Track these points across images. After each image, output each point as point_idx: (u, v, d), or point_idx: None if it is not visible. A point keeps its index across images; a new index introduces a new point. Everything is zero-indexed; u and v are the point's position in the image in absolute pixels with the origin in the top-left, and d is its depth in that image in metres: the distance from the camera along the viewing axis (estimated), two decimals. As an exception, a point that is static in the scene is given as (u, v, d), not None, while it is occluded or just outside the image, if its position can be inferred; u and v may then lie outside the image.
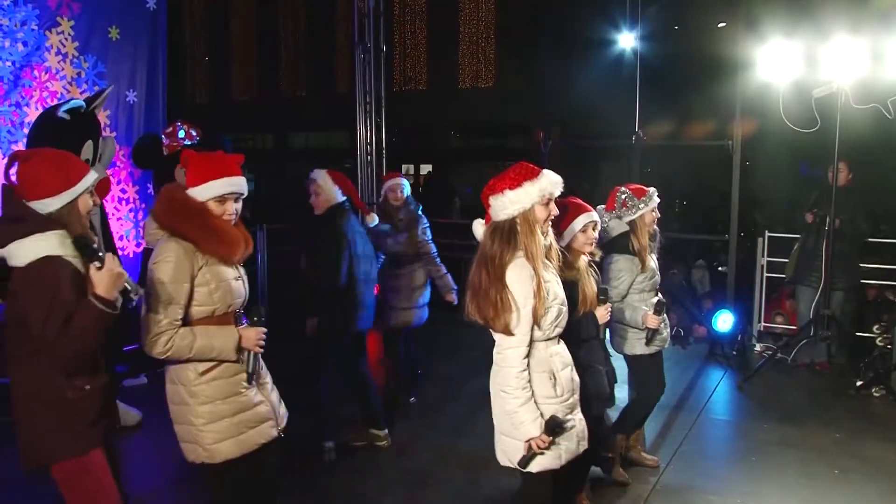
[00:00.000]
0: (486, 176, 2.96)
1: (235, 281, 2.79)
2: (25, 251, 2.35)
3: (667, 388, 4.32)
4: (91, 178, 2.48)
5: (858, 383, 5.86)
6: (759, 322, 7.19)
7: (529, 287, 2.74)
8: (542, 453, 2.79)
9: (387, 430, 4.67)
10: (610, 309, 3.54)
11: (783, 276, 6.94)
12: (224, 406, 2.72)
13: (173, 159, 4.42)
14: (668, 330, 4.26)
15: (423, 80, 21.92)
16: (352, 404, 4.64)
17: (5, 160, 5.01)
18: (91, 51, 5.57)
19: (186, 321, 2.67)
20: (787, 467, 4.44)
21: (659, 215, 4.19)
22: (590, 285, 3.40)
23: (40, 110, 5.18)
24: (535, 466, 2.83)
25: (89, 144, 4.20)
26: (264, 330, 2.80)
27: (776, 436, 4.94)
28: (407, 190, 5.23)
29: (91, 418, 2.49)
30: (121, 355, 2.76)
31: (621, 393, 4.17)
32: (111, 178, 5.52)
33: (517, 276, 2.74)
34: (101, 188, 2.97)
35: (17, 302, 2.37)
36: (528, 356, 2.77)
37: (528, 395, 2.75)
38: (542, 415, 2.76)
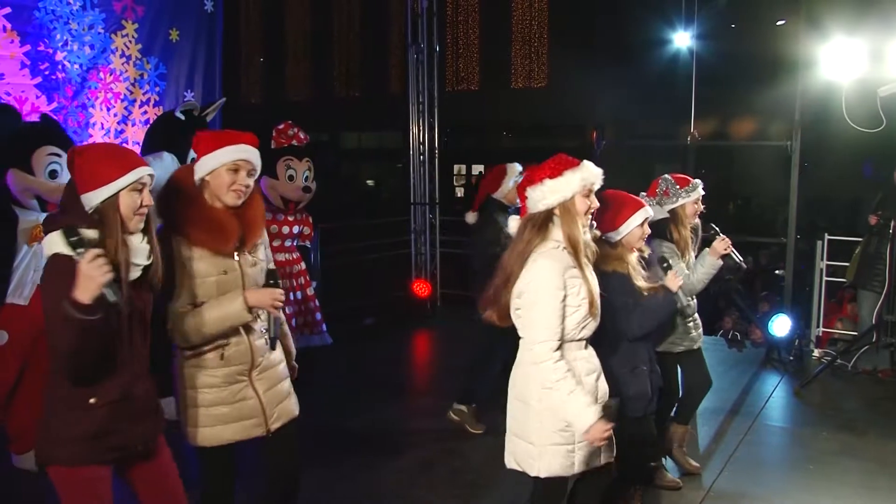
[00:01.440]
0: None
1: (225, 275, 2.64)
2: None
3: (722, 392, 4.22)
4: (137, 174, 2.27)
5: (924, 392, 5.67)
6: (818, 327, 7.00)
7: (559, 278, 2.57)
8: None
9: None
10: (678, 275, 3.37)
11: (842, 280, 6.75)
12: (200, 395, 2.66)
13: (277, 153, 4.57)
14: (700, 330, 4.07)
15: (475, 81, 21.97)
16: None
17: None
18: (153, 52, 5.72)
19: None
20: (846, 478, 4.30)
21: (702, 208, 4.03)
22: (639, 279, 3.26)
23: (104, 111, 5.36)
24: (545, 471, 2.70)
25: None
26: (279, 291, 2.66)
27: (835, 444, 4.79)
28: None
29: (84, 434, 2.29)
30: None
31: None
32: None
33: (545, 266, 2.59)
34: None
35: (42, 297, 2.28)
36: (560, 350, 2.59)
37: (573, 382, 2.55)
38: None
